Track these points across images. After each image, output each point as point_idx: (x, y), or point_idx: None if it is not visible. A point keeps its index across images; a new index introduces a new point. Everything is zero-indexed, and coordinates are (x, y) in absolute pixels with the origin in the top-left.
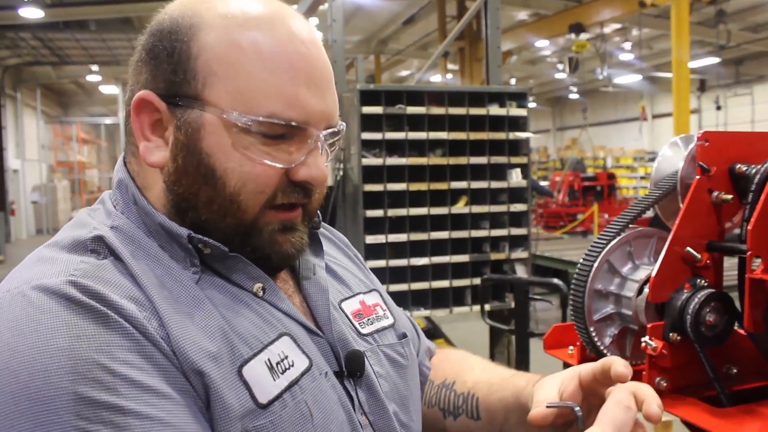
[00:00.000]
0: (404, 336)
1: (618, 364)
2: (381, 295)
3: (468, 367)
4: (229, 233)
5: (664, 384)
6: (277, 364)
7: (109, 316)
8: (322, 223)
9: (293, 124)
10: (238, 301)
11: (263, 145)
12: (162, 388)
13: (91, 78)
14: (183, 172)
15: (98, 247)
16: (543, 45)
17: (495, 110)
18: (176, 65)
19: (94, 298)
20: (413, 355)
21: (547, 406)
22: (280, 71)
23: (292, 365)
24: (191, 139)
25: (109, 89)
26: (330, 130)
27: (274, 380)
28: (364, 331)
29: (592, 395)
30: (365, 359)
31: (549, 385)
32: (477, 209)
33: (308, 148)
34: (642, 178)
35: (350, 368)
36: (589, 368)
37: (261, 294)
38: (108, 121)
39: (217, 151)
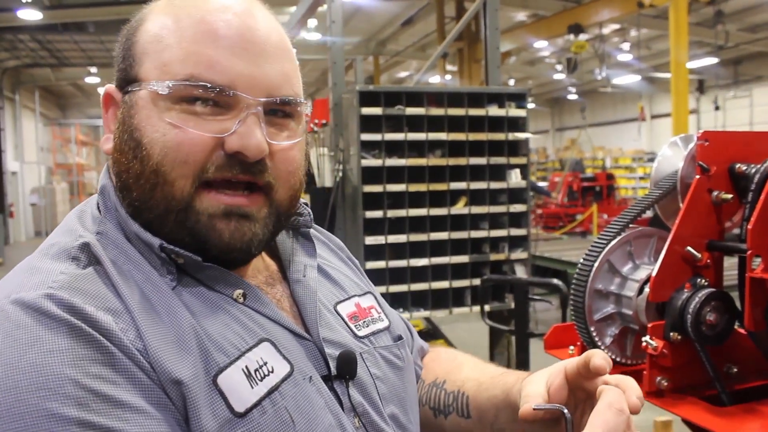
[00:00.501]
0: (399, 338)
1: (597, 358)
2: (375, 298)
3: (458, 365)
4: (161, 212)
5: (665, 383)
6: (256, 371)
7: (83, 330)
8: (315, 225)
9: (211, 85)
10: (216, 308)
11: (190, 114)
12: (136, 402)
13: (90, 80)
14: (119, 150)
15: (82, 255)
16: (542, 46)
17: (494, 111)
18: (124, 55)
19: (69, 312)
20: (409, 357)
21: (534, 408)
22: (201, 37)
23: (272, 371)
24: (126, 116)
25: None
26: (271, 99)
27: (252, 387)
28: (360, 333)
29: (579, 389)
30: (361, 361)
31: (537, 380)
32: (476, 210)
33: (242, 116)
34: (641, 178)
35: (341, 370)
36: (573, 363)
37: (242, 300)
38: None
39: (145, 125)
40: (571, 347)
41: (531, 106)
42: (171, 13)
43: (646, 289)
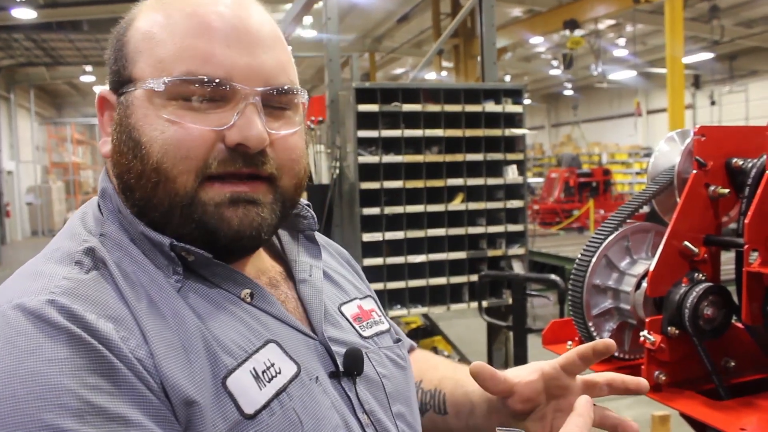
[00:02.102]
0: (399, 341)
1: (600, 344)
2: (375, 301)
3: (433, 365)
4: (166, 209)
5: (663, 378)
6: (263, 372)
7: (82, 339)
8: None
9: (208, 79)
10: (223, 309)
11: (188, 110)
12: (131, 414)
13: (85, 79)
14: (118, 152)
15: (86, 258)
16: (537, 42)
17: (491, 107)
18: (116, 56)
19: (70, 319)
20: (408, 358)
21: (497, 430)
22: (194, 32)
23: (279, 372)
24: (123, 117)
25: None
26: (268, 88)
27: (260, 389)
28: (365, 333)
29: (555, 387)
30: (367, 359)
31: (515, 368)
32: (473, 206)
33: (240, 108)
34: (637, 173)
35: (348, 367)
36: (553, 362)
37: (249, 300)
38: None
39: (143, 124)
40: (569, 342)
41: (527, 102)
42: (161, 10)
43: (644, 284)
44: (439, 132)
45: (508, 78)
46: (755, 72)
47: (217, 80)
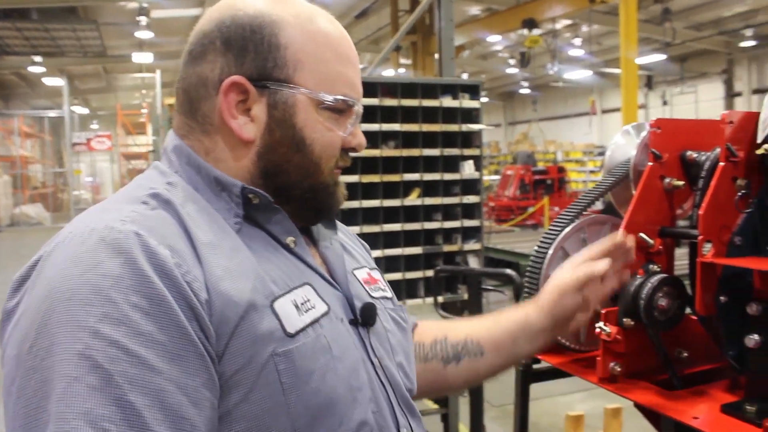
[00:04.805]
0: (400, 307)
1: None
2: (381, 275)
3: (452, 326)
4: (306, 190)
5: (618, 369)
6: (302, 304)
7: (137, 263)
8: None
9: (353, 101)
10: (272, 251)
11: (332, 120)
12: (157, 335)
13: (34, 69)
14: (279, 143)
15: (152, 200)
16: (495, 40)
17: (448, 102)
18: (266, 54)
19: (132, 242)
20: (408, 320)
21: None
22: (344, 59)
23: (314, 307)
24: (286, 115)
25: (54, 81)
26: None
27: (299, 316)
28: (373, 295)
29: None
30: (377, 312)
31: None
32: (430, 201)
33: (354, 121)
34: (591, 171)
35: (364, 317)
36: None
37: (292, 246)
38: (52, 114)
39: (306, 125)
40: None
41: (484, 99)
42: (313, 30)
43: None
44: (396, 126)
45: (465, 76)
46: (704, 74)
47: (355, 103)
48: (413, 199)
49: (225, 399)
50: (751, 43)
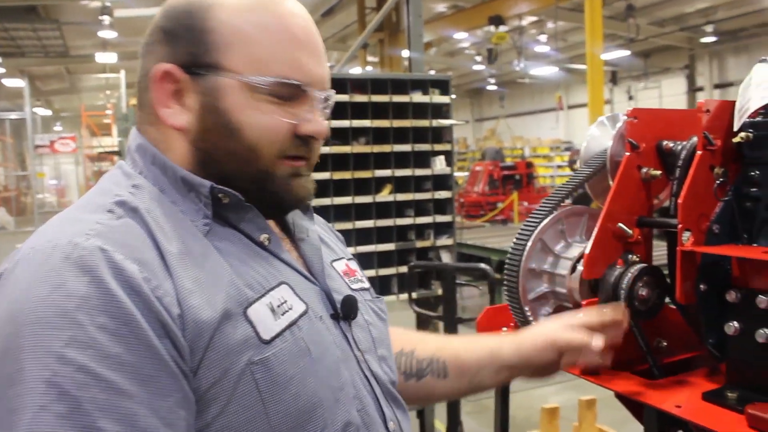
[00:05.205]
0: (378, 297)
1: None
2: (357, 265)
3: (419, 339)
4: (248, 180)
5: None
6: (278, 306)
7: (103, 281)
8: None
9: (298, 84)
10: (244, 251)
11: (272, 104)
12: (125, 356)
13: None
14: (209, 130)
15: (117, 208)
16: (462, 37)
17: (418, 98)
18: (195, 39)
19: (98, 259)
20: (387, 312)
21: None
22: (285, 41)
23: (291, 308)
24: (214, 100)
25: (14, 82)
26: (325, 94)
27: (275, 320)
28: (353, 287)
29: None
30: (358, 305)
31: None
32: (401, 197)
33: (310, 108)
34: (558, 166)
35: (345, 311)
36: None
37: (267, 244)
38: (13, 116)
39: (236, 109)
40: (504, 329)
41: (452, 96)
42: (248, 10)
43: (579, 267)
44: (366, 122)
45: (432, 73)
46: (667, 69)
47: (302, 85)
48: (385, 196)
49: (203, 413)
50: (712, 39)
